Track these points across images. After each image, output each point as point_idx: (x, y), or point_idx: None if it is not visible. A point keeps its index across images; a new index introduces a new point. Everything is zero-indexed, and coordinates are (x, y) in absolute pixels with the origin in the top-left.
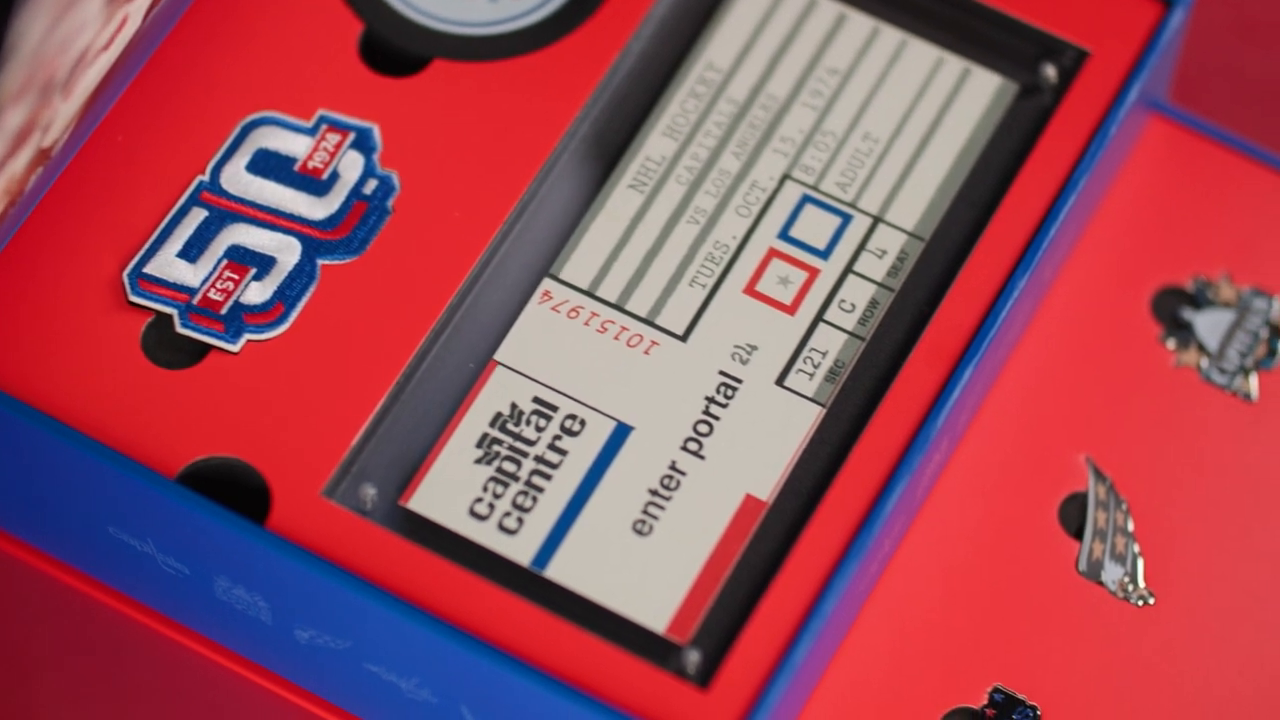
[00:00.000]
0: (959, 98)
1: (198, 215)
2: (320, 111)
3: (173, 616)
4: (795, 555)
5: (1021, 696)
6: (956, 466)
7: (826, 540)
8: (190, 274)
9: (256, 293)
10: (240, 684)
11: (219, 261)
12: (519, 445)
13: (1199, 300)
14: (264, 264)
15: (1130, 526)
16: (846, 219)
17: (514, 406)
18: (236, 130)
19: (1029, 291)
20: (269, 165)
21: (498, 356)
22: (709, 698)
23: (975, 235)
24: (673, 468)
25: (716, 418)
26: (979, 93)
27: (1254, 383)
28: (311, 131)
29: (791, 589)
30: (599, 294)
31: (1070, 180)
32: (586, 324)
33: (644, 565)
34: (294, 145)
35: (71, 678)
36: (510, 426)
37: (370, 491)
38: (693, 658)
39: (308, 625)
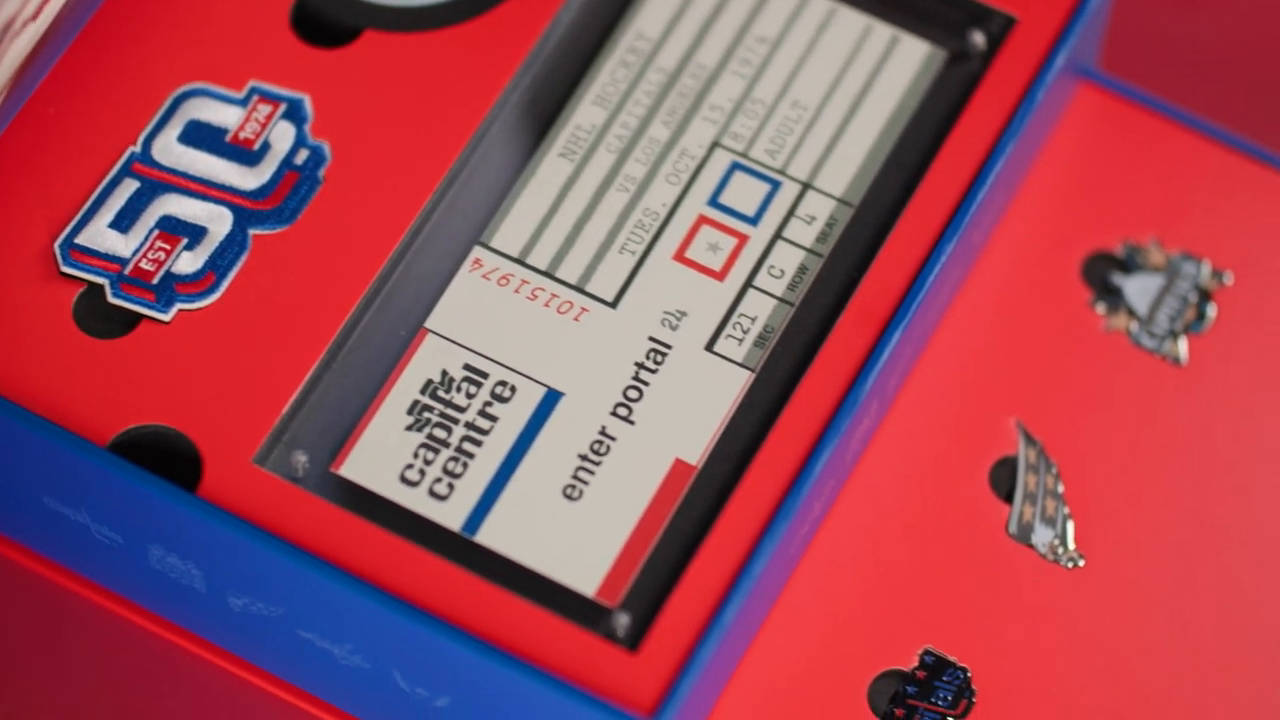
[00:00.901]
0: (887, 65)
1: (129, 186)
2: (252, 83)
3: (108, 586)
4: (724, 519)
5: (952, 658)
6: (887, 431)
7: (755, 504)
8: (122, 244)
9: (188, 262)
10: (176, 653)
11: (150, 232)
12: (450, 412)
13: (1129, 265)
14: (195, 234)
15: (1060, 489)
16: (776, 185)
17: (444, 374)
18: (168, 102)
19: (958, 256)
20: (200, 136)
21: (428, 324)
22: (638, 660)
23: (904, 201)
24: (602, 433)
25: (646, 383)
26: (907, 60)
27: (1183, 346)
28: (243, 102)
29: (720, 552)
30: (529, 261)
31: (998, 146)
32: (517, 291)
33: (574, 530)
34: (225, 116)
35: (5, 649)
36: (441, 393)
37: (302, 459)
38: (622, 621)
39: (241, 593)
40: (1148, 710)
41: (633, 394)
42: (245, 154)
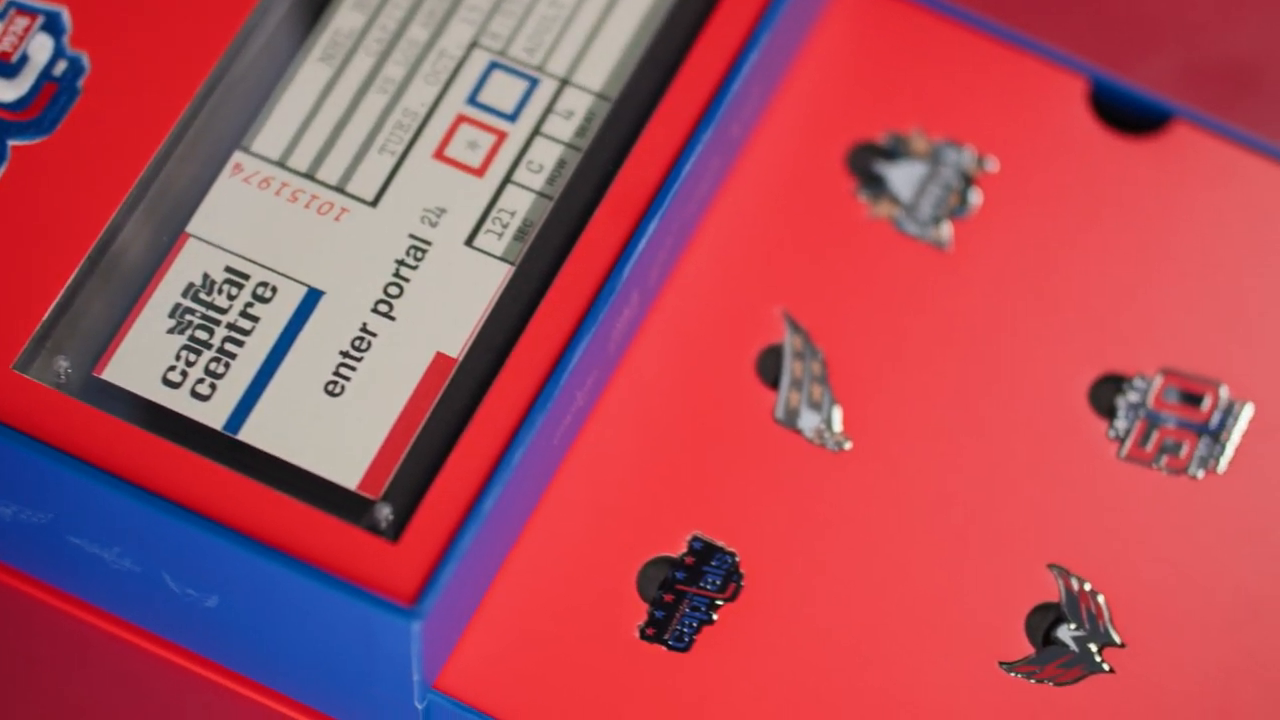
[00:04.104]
0: None
1: None
2: None
3: None
4: (483, 410)
5: (720, 543)
6: (655, 322)
7: (514, 394)
8: None
9: None
10: None
11: None
12: (211, 314)
13: (893, 153)
14: None
15: (826, 375)
16: (534, 83)
17: (206, 276)
18: None
19: (715, 147)
20: None
21: (189, 229)
22: (399, 550)
23: (660, 94)
24: (364, 330)
25: (406, 280)
26: None
27: (947, 231)
28: None
29: (480, 442)
30: (289, 164)
31: (752, 38)
32: (277, 194)
33: (336, 425)
34: None
35: None
36: (202, 296)
37: (63, 364)
38: (384, 513)
39: (9, 501)
40: (913, 588)
41: (393, 290)
42: (3, 67)
